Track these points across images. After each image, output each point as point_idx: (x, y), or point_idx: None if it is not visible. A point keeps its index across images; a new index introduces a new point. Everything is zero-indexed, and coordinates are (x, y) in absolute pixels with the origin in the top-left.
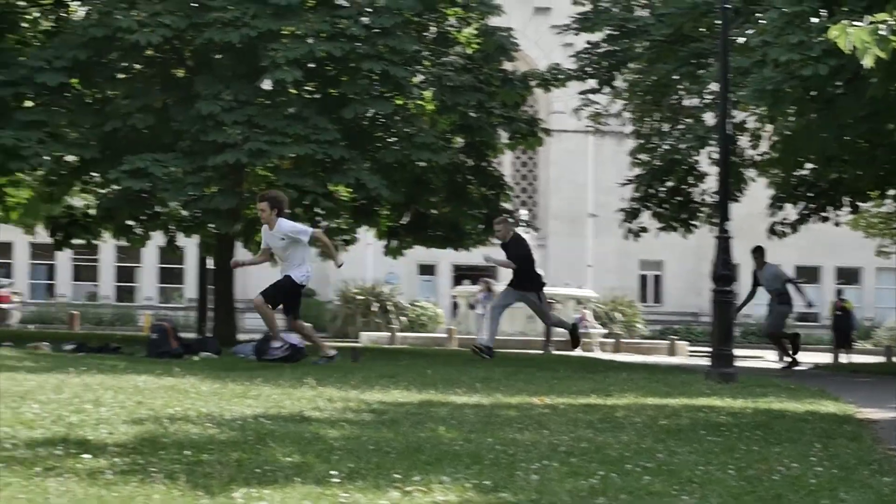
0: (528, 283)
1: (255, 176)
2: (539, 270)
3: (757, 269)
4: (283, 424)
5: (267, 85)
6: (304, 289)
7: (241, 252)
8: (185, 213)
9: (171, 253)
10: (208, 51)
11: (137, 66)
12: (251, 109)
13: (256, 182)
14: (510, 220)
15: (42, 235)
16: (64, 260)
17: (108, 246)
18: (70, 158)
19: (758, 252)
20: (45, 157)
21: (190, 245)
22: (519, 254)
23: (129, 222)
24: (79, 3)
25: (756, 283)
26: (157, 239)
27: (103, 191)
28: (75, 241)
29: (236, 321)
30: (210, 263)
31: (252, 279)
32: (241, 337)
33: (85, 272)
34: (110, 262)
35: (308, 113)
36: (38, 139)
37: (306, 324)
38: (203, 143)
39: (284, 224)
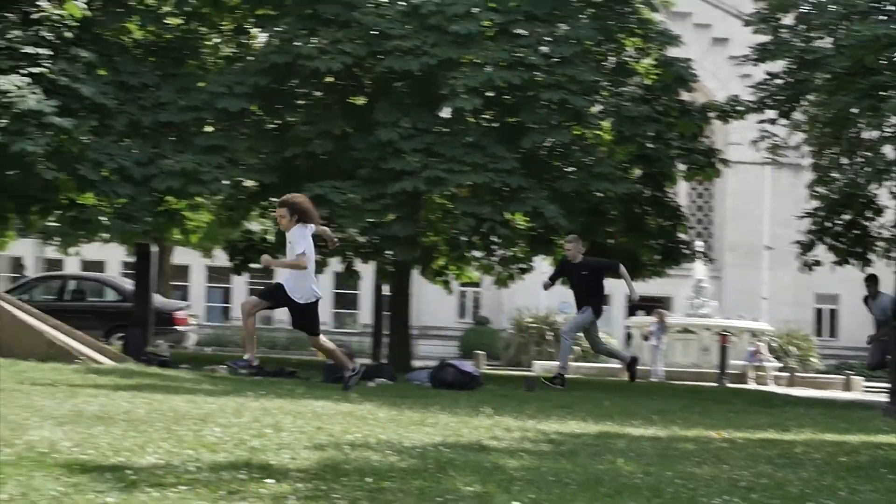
0: (597, 306)
1: (433, 203)
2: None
3: (870, 298)
4: (462, 453)
5: (446, 113)
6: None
7: (417, 280)
8: (363, 239)
9: (348, 279)
10: (388, 78)
11: (317, 93)
12: (430, 137)
13: (434, 210)
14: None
15: (219, 259)
16: (239, 283)
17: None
18: (249, 183)
19: (871, 281)
20: (224, 182)
21: (365, 271)
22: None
23: None
24: (260, 29)
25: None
26: (332, 264)
27: None
28: (252, 266)
29: (411, 347)
30: (386, 290)
31: (429, 306)
32: (415, 363)
33: None
34: None
35: (486, 141)
36: (217, 164)
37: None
38: (382, 170)
39: (296, 232)
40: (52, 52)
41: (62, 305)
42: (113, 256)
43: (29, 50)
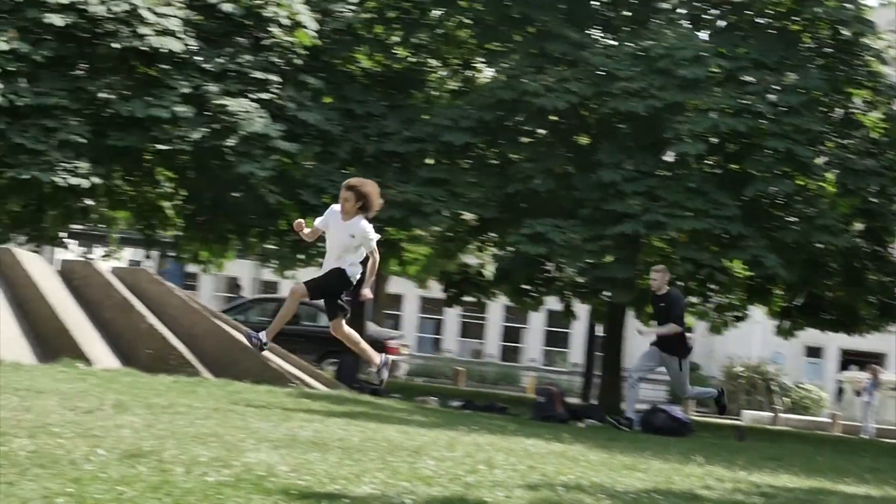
0: (676, 346)
1: (652, 247)
2: (689, 335)
3: None
4: (675, 501)
5: (669, 157)
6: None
7: (631, 321)
8: (580, 279)
9: (563, 318)
10: (612, 120)
11: (541, 131)
12: (652, 181)
13: (652, 253)
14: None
15: (433, 289)
16: (452, 315)
17: (495, 304)
18: (469, 217)
19: None
20: (444, 214)
21: (578, 310)
22: (679, 315)
23: (524, 285)
24: (487, 64)
25: None
26: (548, 303)
27: (500, 251)
28: (467, 299)
29: (622, 390)
30: (599, 330)
31: (641, 349)
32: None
33: (471, 329)
34: (497, 321)
35: (708, 187)
36: (439, 196)
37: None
38: (602, 211)
39: (363, 223)
40: (280, 79)
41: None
42: None
43: (259, 75)
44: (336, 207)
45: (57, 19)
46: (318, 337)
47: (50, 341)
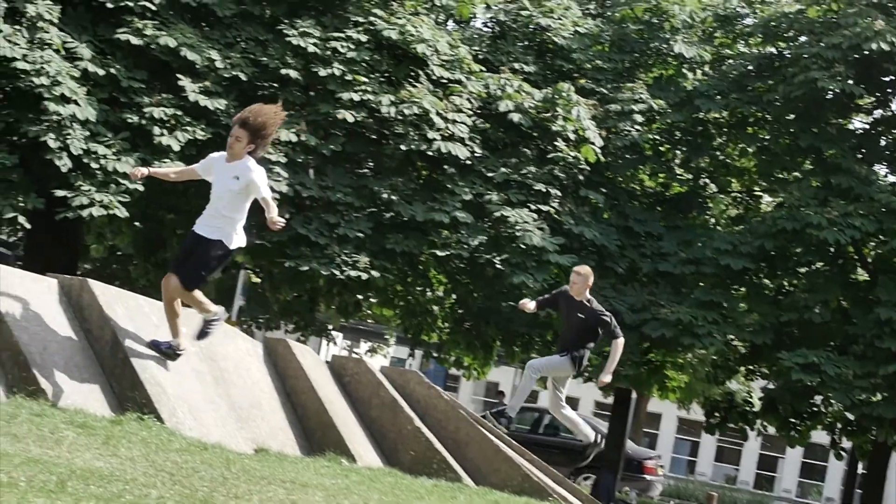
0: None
1: None
2: None
3: None
4: None
5: None
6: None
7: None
8: (848, 415)
9: (822, 451)
10: (893, 257)
11: (820, 263)
12: None
13: None
14: None
15: (693, 412)
16: (708, 439)
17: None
18: (738, 343)
19: None
20: (716, 337)
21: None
22: None
23: (790, 418)
24: (769, 194)
25: None
26: (813, 436)
27: (767, 381)
28: (729, 426)
29: None
30: (860, 468)
31: None
32: None
33: (727, 454)
34: (754, 449)
35: None
36: (712, 319)
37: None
38: (877, 348)
39: (251, 163)
40: (561, 192)
41: (535, 438)
42: (587, 394)
43: (540, 187)
44: (217, 154)
45: (348, 115)
46: (574, 451)
47: (316, 434)
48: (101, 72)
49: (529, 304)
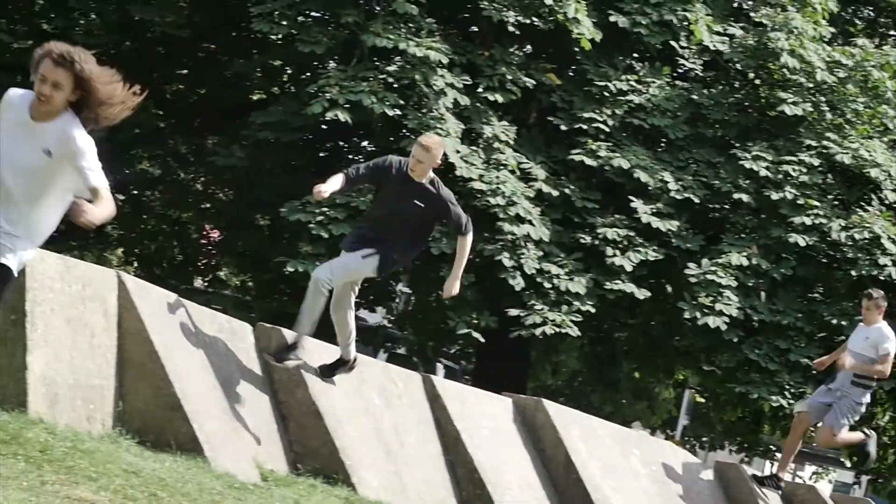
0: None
1: None
2: None
3: None
4: None
5: None
6: None
7: None
8: None
9: None
10: None
11: None
12: None
13: None
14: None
15: None
16: None
17: None
18: None
19: None
20: None
21: None
22: None
23: None
24: None
25: None
26: None
27: None
28: None
29: None
30: None
31: None
32: None
33: None
34: None
35: None
36: None
37: None
38: None
39: (77, 130)
40: None
41: None
42: None
43: None
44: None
45: (800, 240)
46: None
47: None
48: (555, 192)
49: (323, 186)
